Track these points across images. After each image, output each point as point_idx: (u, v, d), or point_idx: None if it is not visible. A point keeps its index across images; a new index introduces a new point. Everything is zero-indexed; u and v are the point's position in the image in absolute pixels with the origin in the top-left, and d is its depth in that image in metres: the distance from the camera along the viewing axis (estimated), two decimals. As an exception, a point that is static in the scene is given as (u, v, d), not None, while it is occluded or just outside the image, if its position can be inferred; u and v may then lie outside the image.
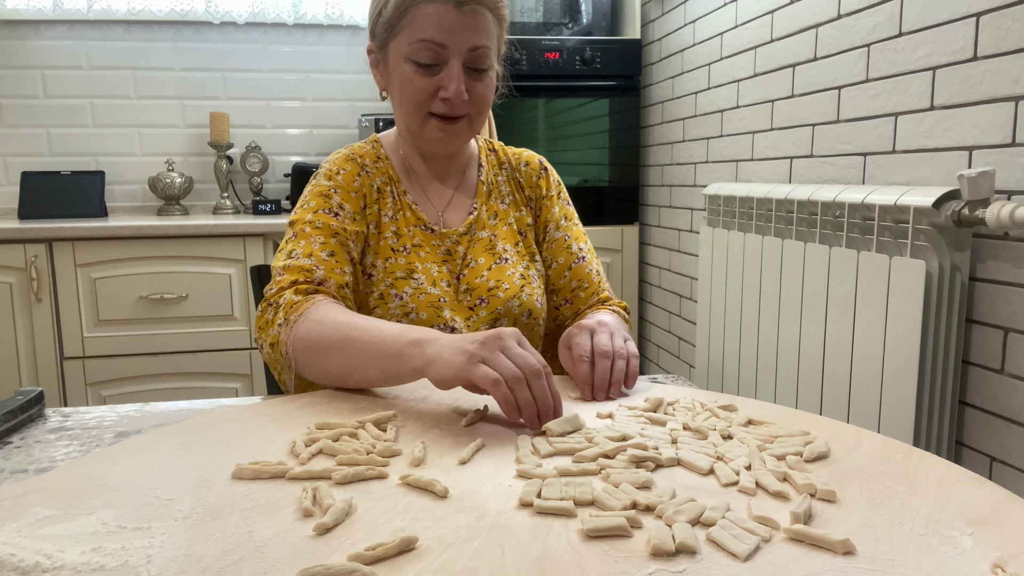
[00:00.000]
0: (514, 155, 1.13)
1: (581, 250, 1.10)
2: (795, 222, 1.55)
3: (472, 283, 1.01)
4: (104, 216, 2.52)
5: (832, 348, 1.42)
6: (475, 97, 0.96)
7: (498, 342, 0.70)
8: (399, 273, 0.98)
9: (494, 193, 1.09)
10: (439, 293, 0.99)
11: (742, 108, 1.95)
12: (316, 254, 0.93)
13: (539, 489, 0.53)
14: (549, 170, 1.13)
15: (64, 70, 2.61)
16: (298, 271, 0.91)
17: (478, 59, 0.94)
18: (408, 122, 0.99)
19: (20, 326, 2.15)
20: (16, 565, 0.44)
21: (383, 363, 0.77)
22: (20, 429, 0.74)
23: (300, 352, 0.83)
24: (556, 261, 1.08)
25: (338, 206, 0.98)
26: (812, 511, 0.51)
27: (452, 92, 0.93)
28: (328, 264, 0.92)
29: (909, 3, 1.35)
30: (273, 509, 0.51)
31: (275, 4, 2.66)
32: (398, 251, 1.00)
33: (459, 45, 0.92)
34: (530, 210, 1.10)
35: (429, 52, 0.92)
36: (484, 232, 1.06)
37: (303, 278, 0.90)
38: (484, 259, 1.03)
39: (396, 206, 1.03)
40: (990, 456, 1.22)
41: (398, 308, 0.97)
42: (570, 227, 1.11)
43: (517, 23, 2.58)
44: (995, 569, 0.43)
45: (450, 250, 1.03)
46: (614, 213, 2.61)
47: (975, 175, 1.11)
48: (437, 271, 1.00)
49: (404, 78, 0.95)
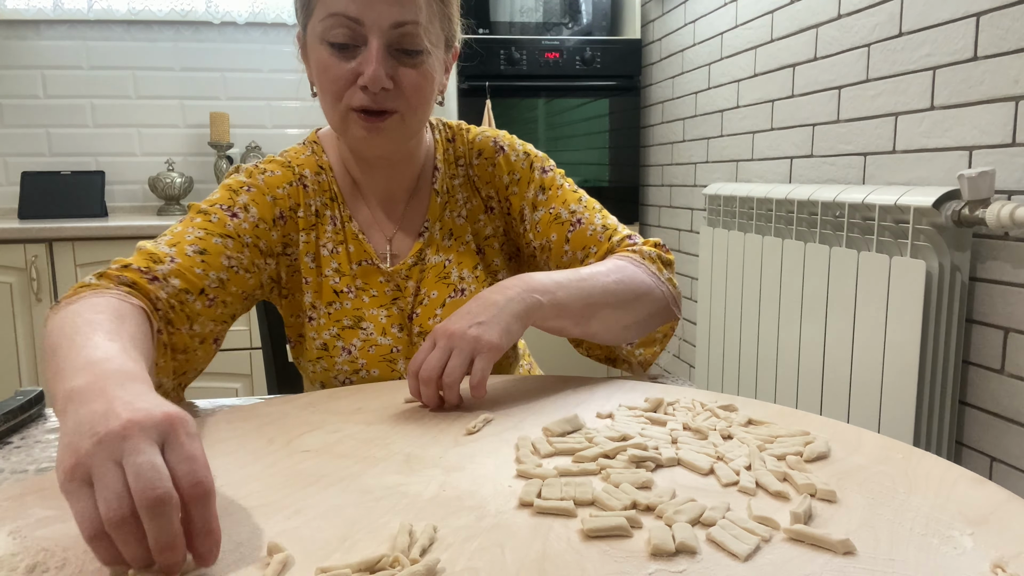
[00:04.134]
0: (470, 144, 0.95)
1: (574, 213, 0.92)
2: (795, 222, 1.55)
3: (424, 324, 0.89)
4: (104, 216, 2.52)
5: (832, 348, 1.42)
6: (404, 86, 0.80)
7: (122, 444, 0.43)
8: (346, 321, 0.87)
9: (450, 205, 0.94)
10: (390, 343, 0.88)
11: (742, 108, 1.95)
12: (182, 246, 0.79)
13: (539, 489, 0.53)
14: (506, 147, 0.95)
15: (64, 70, 2.61)
16: (145, 256, 0.76)
17: (405, 38, 0.79)
18: (331, 119, 0.84)
19: (20, 326, 2.15)
20: (16, 565, 0.44)
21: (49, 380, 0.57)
22: (20, 429, 0.74)
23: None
24: (549, 239, 0.92)
25: (243, 207, 0.84)
26: (812, 511, 0.51)
27: (368, 76, 0.77)
28: (189, 260, 0.78)
29: (909, 3, 1.35)
30: (273, 509, 0.51)
31: (275, 4, 2.66)
32: (342, 293, 0.88)
33: (377, 20, 0.77)
34: (491, 213, 0.96)
35: (343, 29, 0.78)
36: (437, 257, 0.92)
37: (141, 265, 0.75)
38: (437, 292, 0.91)
39: (338, 236, 0.89)
40: (990, 456, 1.22)
41: (346, 364, 0.87)
42: (551, 196, 0.93)
43: (517, 23, 2.58)
44: (995, 569, 0.43)
45: (399, 285, 0.90)
46: (614, 213, 2.59)
47: (975, 175, 1.11)
48: (386, 316, 0.89)
49: (320, 64, 0.81)
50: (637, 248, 0.89)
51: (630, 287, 0.82)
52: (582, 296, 0.78)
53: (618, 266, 0.84)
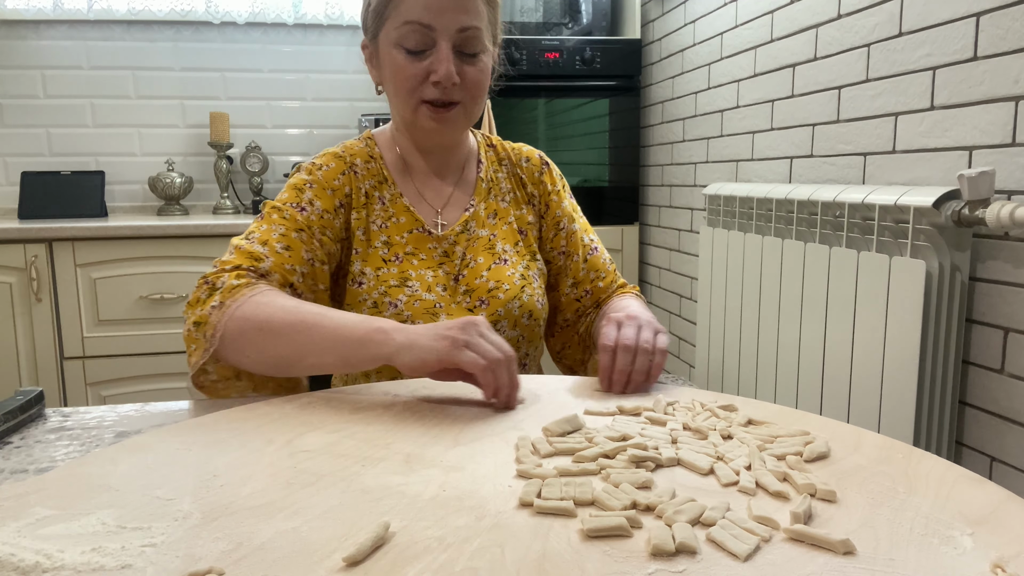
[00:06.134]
0: (513, 150, 1.11)
1: (592, 241, 1.11)
2: (795, 222, 1.55)
3: (472, 284, 1.00)
4: (104, 216, 2.52)
5: (832, 348, 1.42)
6: (467, 81, 0.93)
7: (475, 328, 0.73)
8: (392, 281, 0.97)
9: (494, 190, 1.07)
10: (434, 299, 0.98)
11: (742, 108, 1.95)
12: (271, 243, 0.90)
13: (539, 489, 0.53)
14: (551, 165, 1.12)
15: (64, 70, 2.61)
16: (246, 256, 0.88)
17: (468, 41, 0.92)
18: (402, 112, 0.97)
19: (20, 326, 2.15)
20: (16, 565, 0.44)
21: (343, 349, 0.77)
22: (20, 429, 0.74)
23: (237, 334, 0.79)
24: (576, 254, 1.09)
25: (308, 202, 0.96)
26: (812, 511, 0.51)
27: (442, 74, 0.90)
28: (280, 257, 0.90)
29: (909, 3, 1.35)
30: (273, 509, 0.51)
31: (275, 4, 2.66)
32: (389, 261, 0.99)
33: (447, 26, 0.90)
34: (532, 208, 1.09)
35: (416, 35, 0.91)
36: (483, 231, 1.04)
37: (247, 264, 0.87)
38: (483, 258, 1.02)
39: (387, 212, 1.01)
40: (990, 456, 1.22)
41: (394, 316, 0.96)
42: (578, 219, 1.11)
43: (517, 23, 2.58)
44: (995, 569, 0.43)
45: (447, 251, 1.02)
46: (614, 213, 2.61)
47: (975, 175, 1.11)
48: (432, 276, 0.99)
49: (394, 65, 0.93)
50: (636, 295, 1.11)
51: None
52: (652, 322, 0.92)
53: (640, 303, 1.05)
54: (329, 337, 0.77)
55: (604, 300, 1.10)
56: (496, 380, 0.72)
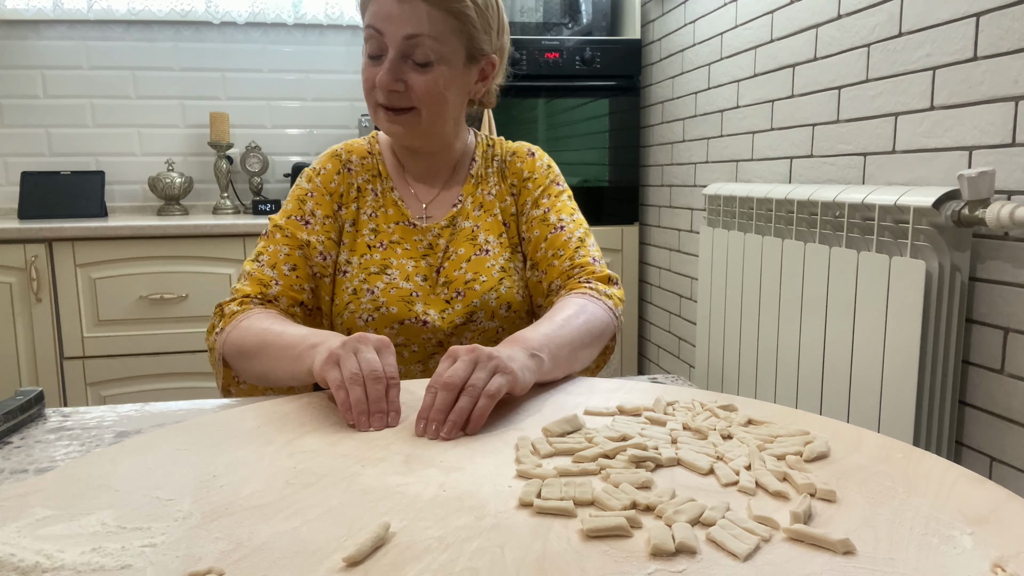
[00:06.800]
0: (507, 148, 1.14)
1: (561, 220, 1.05)
2: (795, 222, 1.55)
3: (450, 276, 1.03)
4: (104, 216, 2.52)
5: (832, 348, 1.42)
6: (415, 89, 0.95)
7: (356, 344, 0.73)
8: (372, 268, 1.01)
9: (481, 184, 1.10)
10: (411, 288, 1.01)
11: (742, 108, 1.95)
12: (279, 266, 0.98)
13: (539, 489, 0.53)
14: (536, 154, 1.12)
15: (64, 70, 2.61)
16: (256, 283, 0.96)
17: (415, 50, 0.94)
18: (369, 112, 1.02)
19: (20, 326, 2.15)
20: (16, 565, 0.44)
21: (290, 365, 0.81)
22: (20, 429, 0.74)
23: (231, 357, 0.90)
24: (532, 235, 1.07)
25: (310, 213, 1.02)
26: (812, 511, 0.51)
27: (378, 79, 0.95)
28: (288, 280, 0.98)
29: (909, 3, 1.35)
30: (273, 509, 0.51)
31: (275, 4, 2.66)
32: (374, 247, 1.03)
33: (394, 33, 0.93)
34: (513, 198, 1.10)
35: (374, 40, 0.95)
36: (467, 222, 1.06)
37: (256, 292, 0.96)
38: (464, 249, 1.05)
39: (378, 203, 1.05)
40: (990, 456, 1.22)
41: (369, 303, 0.99)
42: (553, 202, 1.08)
43: (517, 23, 2.58)
44: (995, 569, 0.43)
45: (431, 243, 1.05)
46: (614, 213, 2.61)
47: (975, 175, 1.11)
48: (413, 266, 1.03)
49: (361, 67, 0.99)
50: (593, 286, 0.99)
51: (595, 324, 0.92)
52: (565, 343, 0.84)
53: (581, 305, 0.93)
54: (278, 355, 0.83)
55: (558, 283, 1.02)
56: (349, 398, 0.68)
